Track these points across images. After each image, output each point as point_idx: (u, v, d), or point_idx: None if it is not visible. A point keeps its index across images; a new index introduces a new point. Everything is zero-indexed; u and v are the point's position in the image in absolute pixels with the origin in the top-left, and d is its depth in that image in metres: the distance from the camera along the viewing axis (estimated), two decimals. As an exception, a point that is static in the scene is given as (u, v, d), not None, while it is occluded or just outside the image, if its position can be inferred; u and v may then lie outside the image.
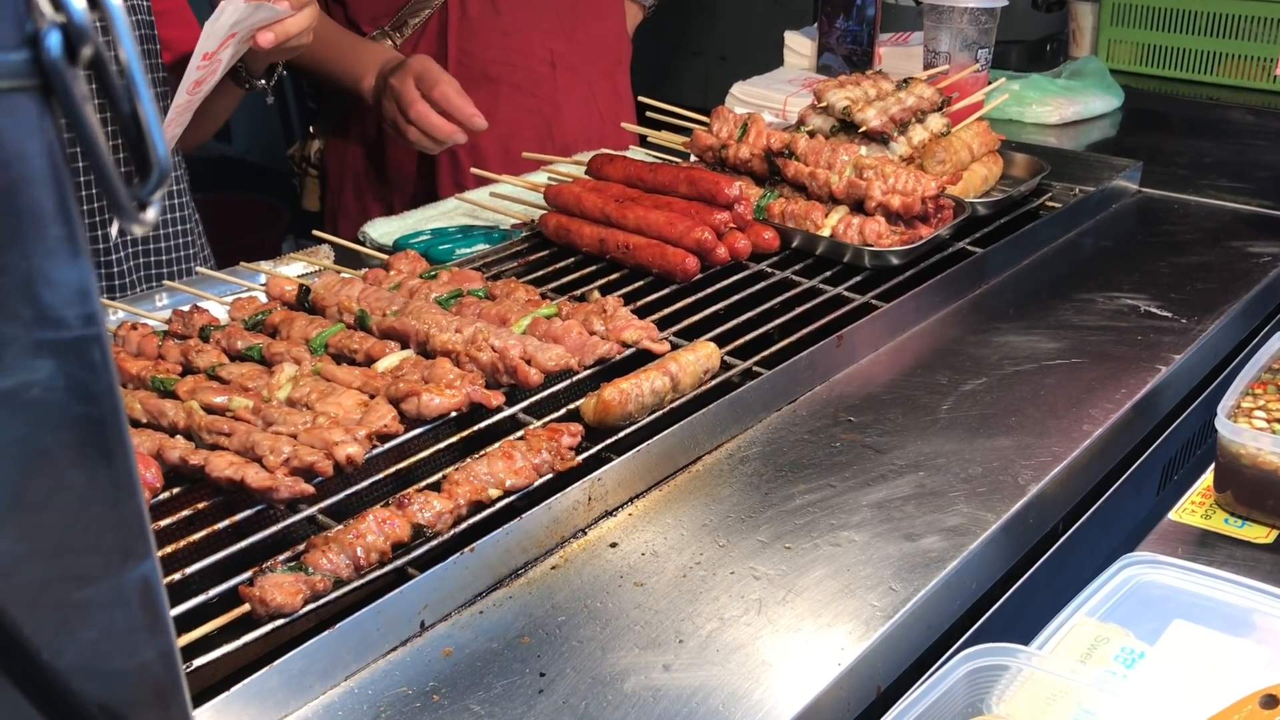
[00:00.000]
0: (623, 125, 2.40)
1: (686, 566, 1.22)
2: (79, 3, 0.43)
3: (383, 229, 2.06)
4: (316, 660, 1.04)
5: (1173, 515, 1.38)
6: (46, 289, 0.44)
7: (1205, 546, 1.32)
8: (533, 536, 1.22)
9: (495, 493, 1.23)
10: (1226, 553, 1.31)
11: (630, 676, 1.07)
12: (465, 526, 1.20)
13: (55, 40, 0.43)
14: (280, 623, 1.07)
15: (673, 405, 1.42)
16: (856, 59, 2.92)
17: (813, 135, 2.01)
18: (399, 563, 1.15)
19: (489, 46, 2.50)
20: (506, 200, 2.03)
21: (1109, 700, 1.01)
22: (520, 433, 1.32)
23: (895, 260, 1.78)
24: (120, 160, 1.59)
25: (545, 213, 1.89)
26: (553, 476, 1.28)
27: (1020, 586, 1.32)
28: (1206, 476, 1.42)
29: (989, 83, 2.47)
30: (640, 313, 1.60)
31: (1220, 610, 1.15)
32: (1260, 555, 1.31)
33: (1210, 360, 1.78)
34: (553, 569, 1.22)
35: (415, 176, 2.56)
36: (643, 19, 2.95)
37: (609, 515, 1.30)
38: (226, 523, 1.18)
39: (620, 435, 1.36)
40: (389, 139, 2.45)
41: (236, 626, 1.05)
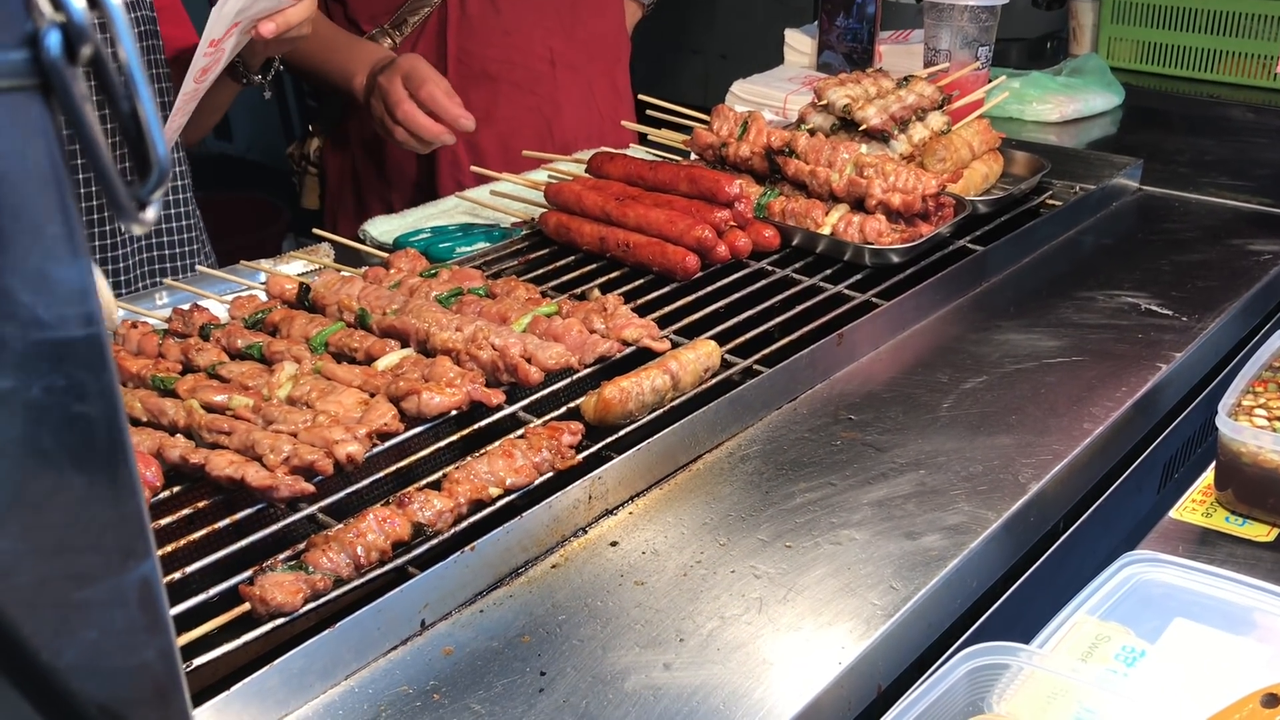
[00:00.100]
0: (623, 123, 2.39)
1: (687, 565, 1.22)
2: (78, 2, 0.43)
3: (383, 227, 2.06)
4: (317, 659, 1.04)
5: (1173, 513, 1.38)
6: (46, 288, 0.44)
7: (1206, 545, 1.32)
8: (533, 535, 1.22)
9: (496, 491, 1.23)
10: (1227, 551, 1.31)
11: (631, 675, 1.07)
12: (466, 525, 1.20)
13: (55, 39, 0.42)
14: (280, 622, 1.07)
15: (673, 403, 1.42)
16: (857, 57, 2.91)
17: (813, 133, 2.01)
18: (399, 561, 1.15)
19: (488, 45, 2.50)
20: (507, 198, 2.03)
21: (1110, 699, 1.01)
22: (520, 431, 1.32)
23: (896, 258, 1.78)
24: (120, 159, 1.59)
25: (545, 211, 1.89)
26: (553, 475, 1.28)
27: (1021, 585, 1.32)
28: (1207, 475, 1.42)
29: (989, 80, 2.47)
30: (640, 311, 1.60)
31: (1221, 609, 1.15)
32: (1261, 553, 1.31)
33: (1211, 358, 1.77)
34: (553, 568, 1.22)
35: (415, 175, 2.55)
36: (642, 16, 2.95)
37: (609, 514, 1.30)
38: (227, 521, 1.18)
39: (621, 434, 1.36)
40: None
41: (237, 625, 1.05)
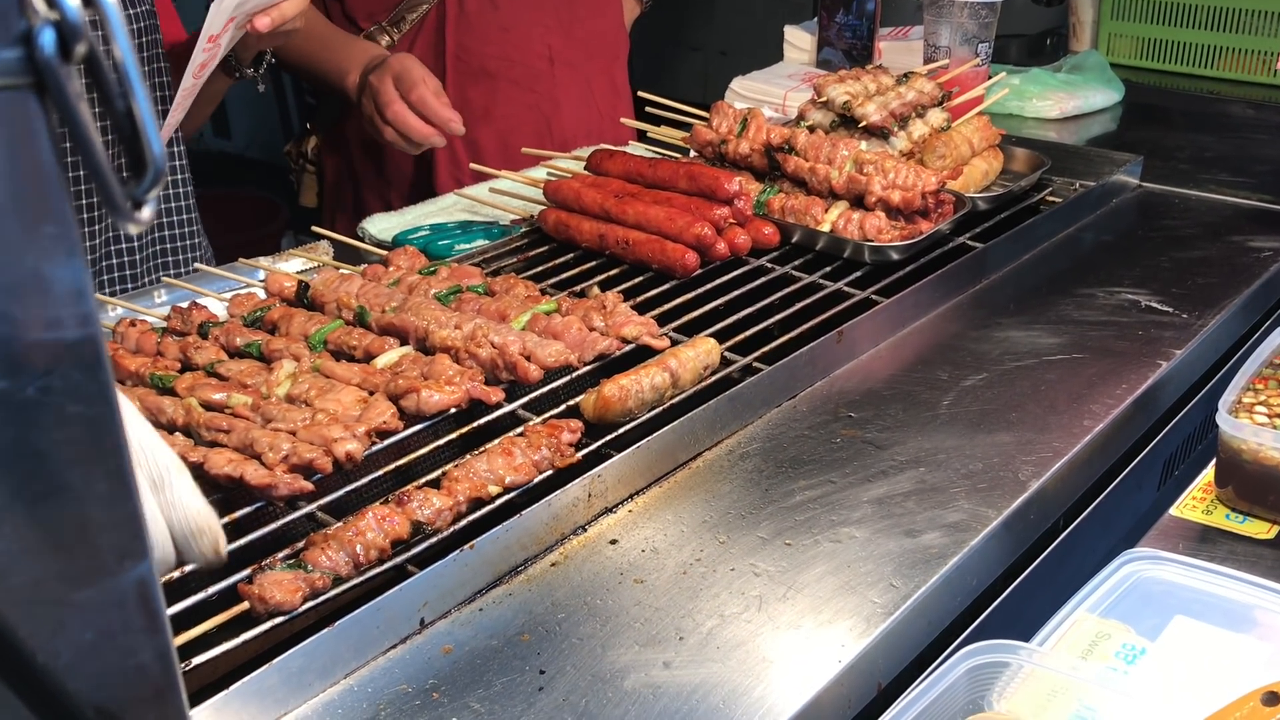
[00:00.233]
0: (622, 121, 2.39)
1: (686, 563, 1.22)
2: (73, 0, 0.43)
3: (382, 225, 2.06)
4: (316, 658, 1.04)
5: (1174, 511, 1.38)
6: (41, 288, 0.43)
7: (1206, 542, 1.32)
8: (532, 533, 1.22)
9: (495, 489, 1.23)
10: (1227, 548, 1.31)
11: (630, 674, 1.06)
12: (465, 523, 1.20)
13: (49, 38, 0.42)
14: (279, 620, 1.06)
15: (673, 401, 1.42)
16: (856, 53, 2.91)
17: (813, 130, 2.01)
18: (399, 560, 1.14)
19: (487, 42, 2.49)
20: (506, 196, 2.03)
21: (1110, 697, 1.01)
22: (520, 429, 1.32)
23: (895, 255, 1.78)
24: (116, 158, 1.58)
25: (544, 208, 1.88)
26: (552, 473, 1.28)
27: (1021, 583, 1.32)
28: (1207, 472, 1.42)
29: (989, 77, 2.47)
30: (640, 308, 1.60)
31: (1221, 606, 1.15)
32: (1261, 551, 1.30)
33: (1211, 355, 1.77)
34: (553, 566, 1.21)
35: (413, 172, 2.55)
36: (640, 13, 2.95)
37: (609, 512, 1.30)
38: (225, 520, 1.17)
39: (620, 431, 1.36)
40: None
41: (236, 624, 1.05)
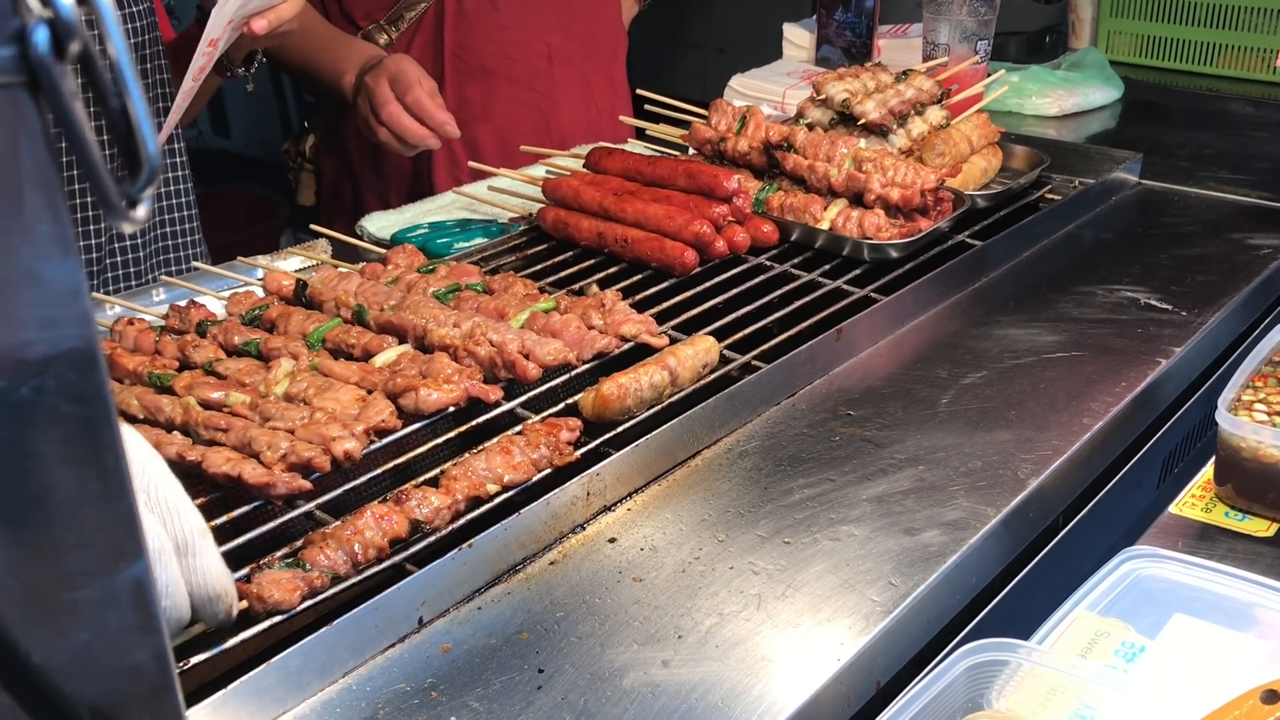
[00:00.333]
0: (620, 118, 2.39)
1: (685, 562, 1.21)
2: (67, -2, 0.42)
3: (380, 223, 2.06)
4: (314, 657, 1.04)
5: (1173, 509, 1.38)
6: (36, 288, 0.43)
7: (1206, 540, 1.32)
8: (531, 532, 1.22)
9: (493, 488, 1.22)
10: (1227, 546, 1.31)
11: (629, 672, 1.06)
12: (463, 522, 1.20)
13: (43, 36, 0.42)
14: (278, 619, 1.06)
15: (671, 400, 1.42)
16: (855, 51, 2.91)
17: (811, 128, 2.01)
18: (397, 559, 1.14)
19: (486, 41, 2.49)
20: (504, 194, 2.02)
21: (1109, 695, 1.01)
22: (519, 428, 1.32)
23: (894, 253, 1.78)
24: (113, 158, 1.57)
25: (543, 206, 1.88)
26: (551, 472, 1.28)
27: (1020, 581, 1.32)
28: (1207, 470, 1.42)
29: (988, 75, 2.47)
30: (639, 306, 1.59)
31: (1221, 604, 1.15)
32: (1261, 549, 1.30)
33: (1210, 353, 1.77)
34: (551, 565, 1.21)
35: (411, 171, 2.55)
36: (639, 11, 2.95)
37: (608, 510, 1.30)
38: (224, 519, 1.17)
39: (619, 430, 1.36)
40: None
41: (234, 624, 1.05)
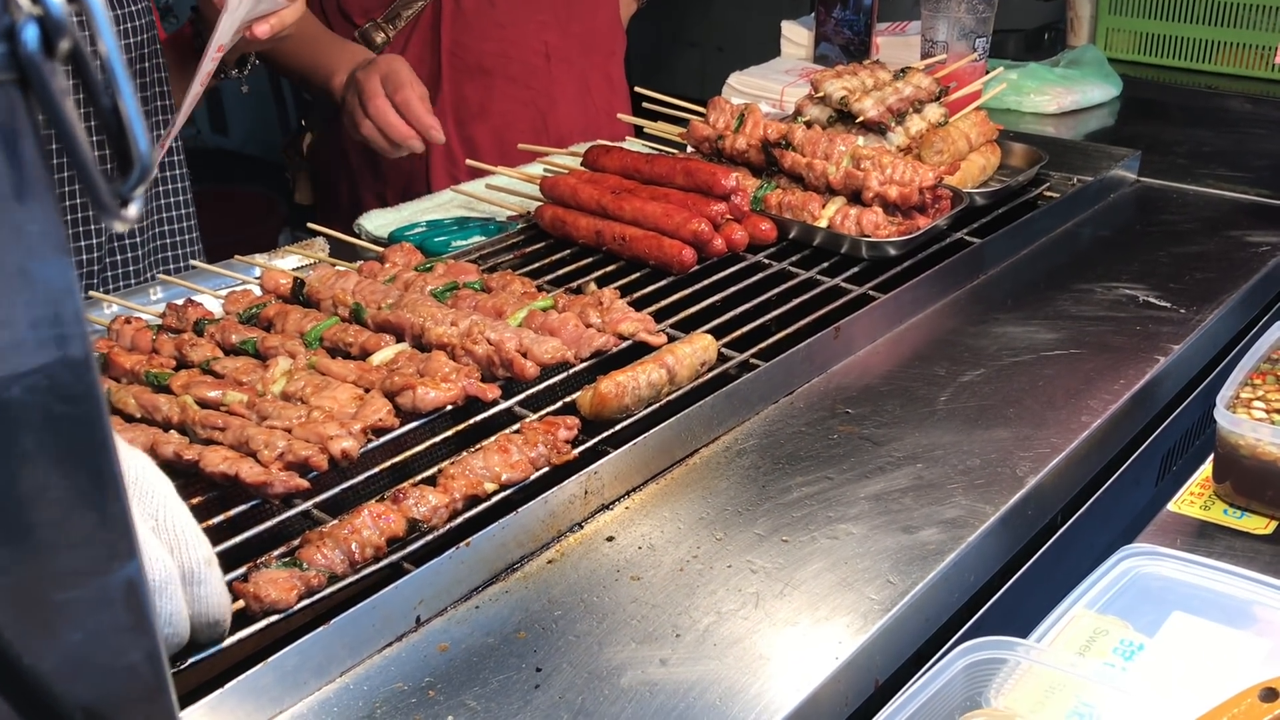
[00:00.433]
0: (618, 116, 2.38)
1: (683, 560, 1.21)
2: (57, -4, 0.42)
3: (378, 221, 2.06)
4: (311, 656, 1.03)
5: (1171, 506, 1.38)
6: (26, 287, 0.43)
7: (1204, 538, 1.32)
8: (529, 531, 1.21)
9: (491, 487, 1.22)
10: (1225, 544, 1.30)
11: (627, 671, 1.06)
12: (461, 521, 1.20)
13: (32, 33, 0.42)
14: (275, 618, 1.06)
15: (670, 398, 1.42)
16: (854, 49, 2.90)
17: (810, 126, 2.01)
18: (394, 558, 1.14)
19: (483, 39, 2.49)
20: (502, 192, 2.02)
21: (1108, 693, 1.01)
22: (516, 426, 1.31)
23: (893, 251, 1.77)
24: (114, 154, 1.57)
25: (541, 204, 1.88)
26: (549, 470, 1.27)
27: (1019, 579, 1.32)
28: (1205, 467, 1.41)
29: (987, 72, 2.46)
30: (637, 305, 1.59)
31: (1219, 602, 1.15)
32: (1259, 546, 1.30)
33: (1209, 350, 1.77)
34: (549, 563, 1.21)
35: (408, 170, 2.54)
36: (637, 9, 2.94)
37: (605, 509, 1.30)
38: (221, 518, 1.17)
39: (617, 428, 1.35)
40: None
41: (231, 623, 1.05)
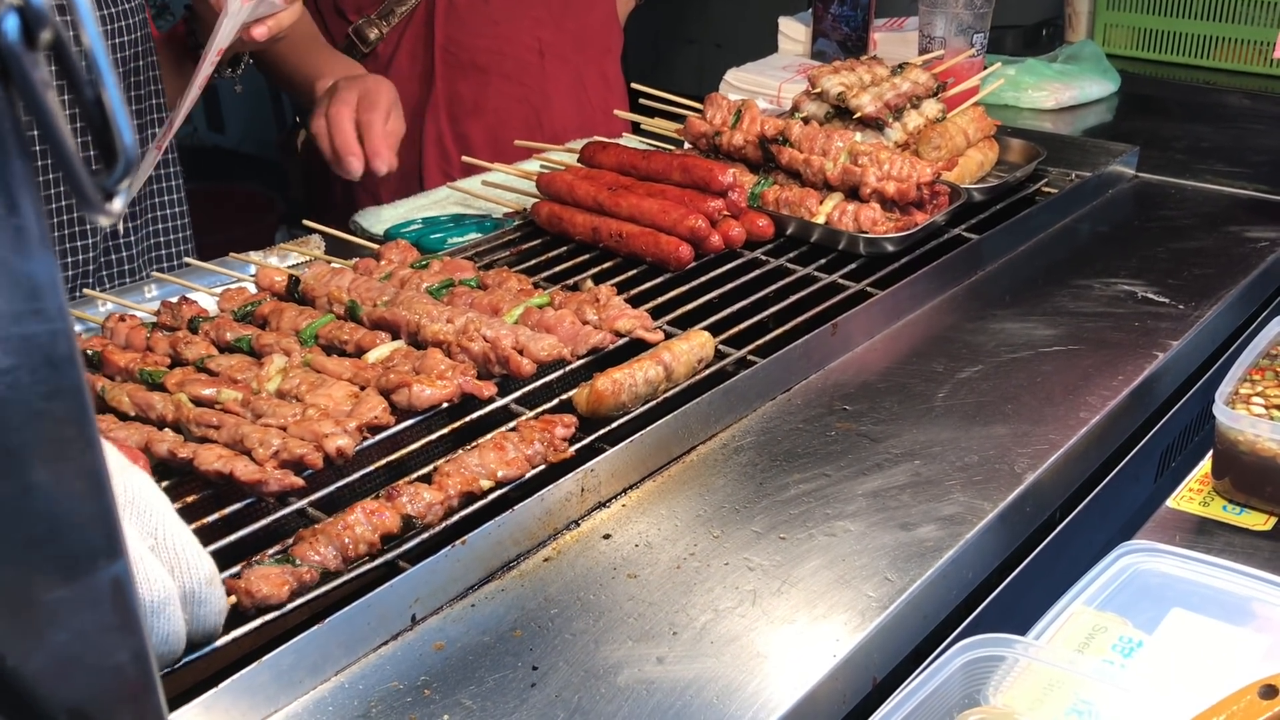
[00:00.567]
0: (615, 113, 2.38)
1: (680, 558, 1.21)
2: (37, -15, 0.41)
3: (374, 218, 2.05)
4: (306, 655, 1.03)
5: (1170, 503, 1.37)
6: (7, 282, 0.42)
7: (1203, 534, 1.31)
8: (525, 528, 1.21)
9: (487, 484, 1.22)
10: (1225, 540, 1.30)
11: (624, 669, 1.06)
12: (457, 519, 1.19)
13: (12, 24, 0.41)
14: (270, 617, 1.06)
15: (666, 395, 1.41)
16: (851, 44, 2.90)
17: (807, 121, 2.00)
18: (390, 556, 1.14)
19: (477, 35, 2.48)
20: (499, 189, 2.02)
21: (1107, 690, 1.01)
22: (512, 424, 1.31)
23: (890, 247, 1.77)
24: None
25: (538, 201, 1.87)
26: (545, 468, 1.27)
27: (1017, 576, 1.31)
28: (1204, 463, 1.41)
29: (984, 68, 2.46)
30: (634, 301, 1.58)
31: (1218, 598, 1.15)
32: (1259, 542, 1.30)
33: (1208, 346, 1.77)
34: (545, 561, 1.21)
35: (402, 167, 2.53)
36: (635, 6, 2.93)
37: (602, 506, 1.29)
38: (216, 516, 1.16)
39: (613, 425, 1.35)
40: None
41: (226, 621, 1.04)
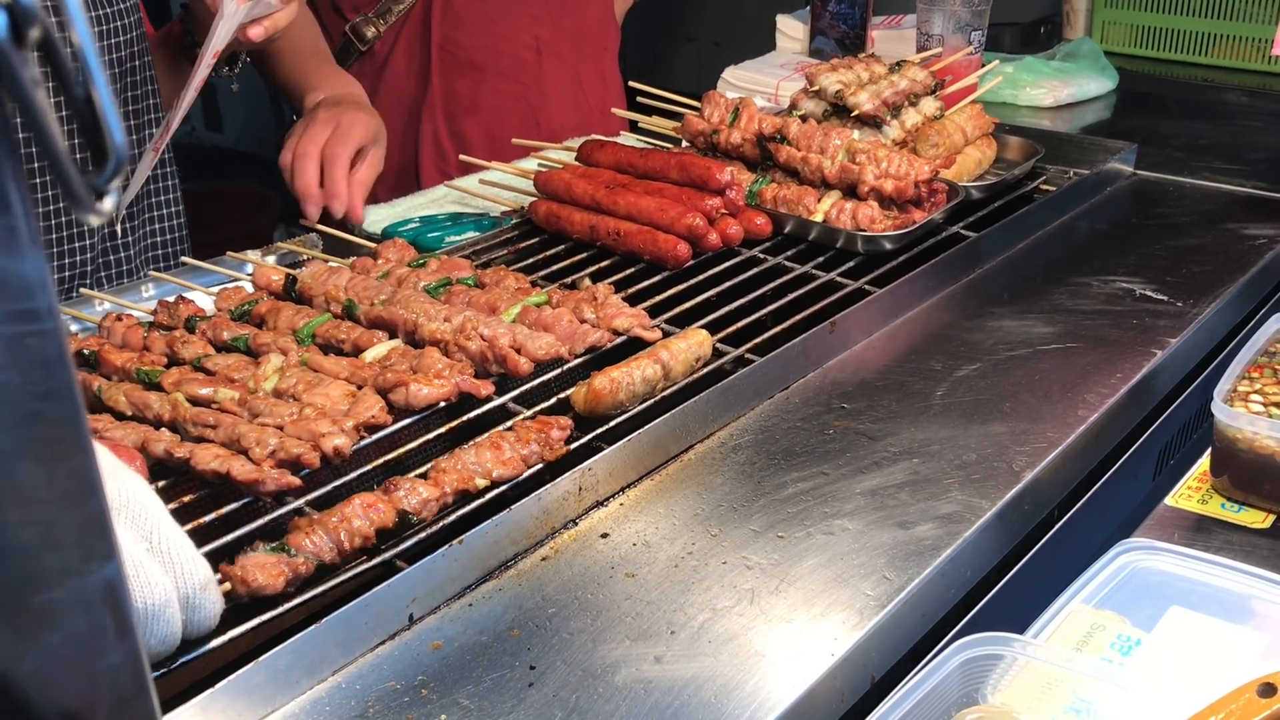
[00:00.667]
0: (612, 111, 2.37)
1: (678, 557, 1.21)
2: (26, -17, 0.41)
3: (371, 217, 2.05)
4: (303, 655, 1.03)
5: (1169, 500, 1.37)
6: (-2, 282, 0.42)
7: (1202, 532, 1.31)
8: (522, 528, 1.21)
9: (482, 483, 1.21)
10: (1223, 538, 1.30)
11: (621, 669, 1.05)
12: (454, 518, 1.19)
13: (0, 21, 0.41)
14: (267, 617, 1.05)
15: (664, 393, 1.41)
16: (849, 42, 2.90)
17: (805, 119, 2.00)
18: (387, 555, 1.13)
19: (473, 34, 2.47)
20: (496, 187, 2.01)
21: (1105, 689, 1.01)
22: (509, 424, 1.31)
23: (888, 245, 1.77)
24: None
25: (535, 199, 1.87)
26: (543, 466, 1.27)
27: (1015, 574, 1.31)
28: (1203, 461, 1.41)
29: (982, 65, 2.45)
30: (631, 300, 1.58)
31: (1217, 596, 1.15)
32: (1257, 540, 1.30)
33: (1206, 344, 1.76)
34: (543, 560, 1.20)
35: (398, 166, 2.53)
36: (632, 4, 2.93)
37: (600, 505, 1.29)
38: (213, 516, 1.16)
39: (611, 424, 1.35)
40: None
41: (223, 621, 1.04)
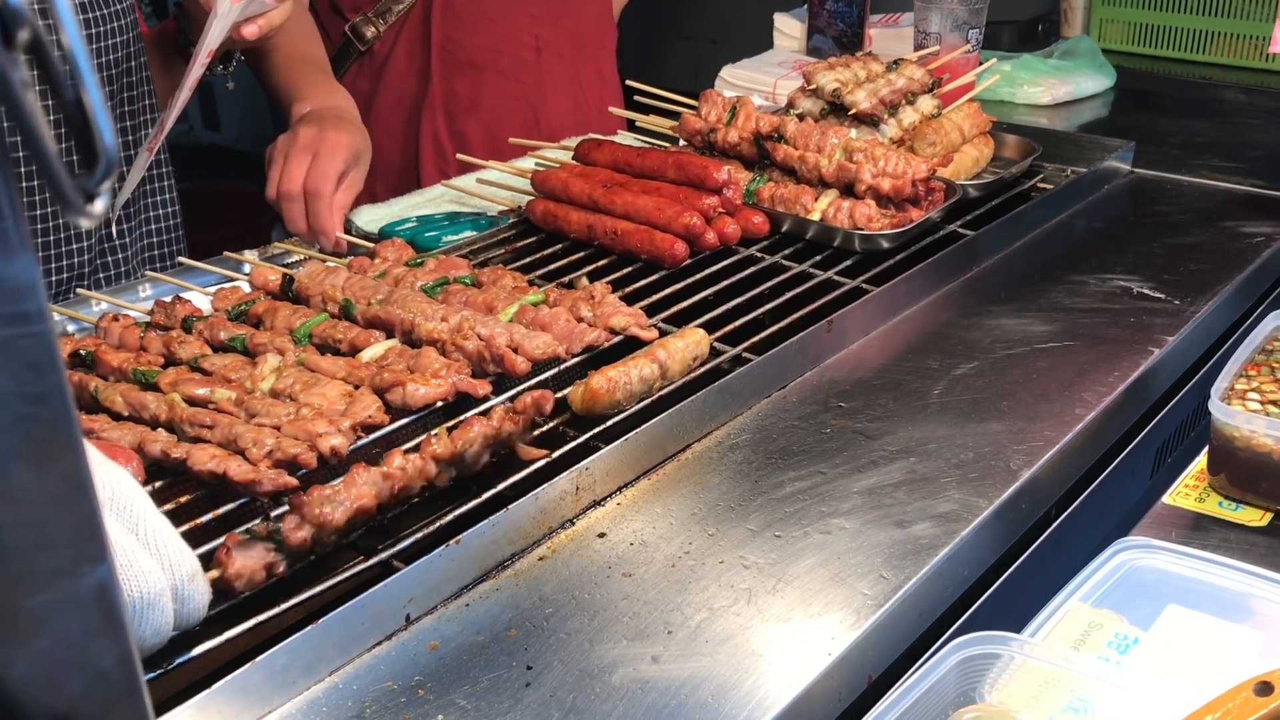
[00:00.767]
0: (610, 110, 2.37)
1: (675, 556, 1.20)
2: (15, -16, 0.41)
3: (369, 216, 2.04)
4: (300, 655, 1.03)
5: (1166, 499, 1.37)
6: (-13, 284, 0.42)
7: (1199, 530, 1.31)
8: (519, 527, 1.21)
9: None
10: (1221, 536, 1.30)
11: (618, 668, 1.05)
12: (451, 518, 1.19)
13: (-11, 23, 0.41)
14: (264, 617, 1.05)
15: (661, 393, 1.41)
16: (846, 41, 2.90)
17: (802, 118, 2.00)
18: (384, 555, 1.13)
19: (474, 33, 2.47)
20: (494, 186, 2.01)
21: (1102, 687, 1.00)
22: (485, 407, 1.29)
23: (886, 244, 1.77)
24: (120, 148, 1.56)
25: (532, 199, 1.87)
26: (542, 466, 1.26)
27: (1013, 573, 1.31)
28: (1200, 459, 1.41)
29: (980, 63, 2.45)
30: (628, 299, 1.58)
31: (1215, 595, 1.14)
32: (1255, 538, 1.30)
33: (1204, 342, 1.76)
34: (540, 560, 1.20)
35: (398, 165, 2.53)
36: (627, 2, 2.92)
37: (597, 505, 1.29)
38: (210, 516, 1.16)
39: (608, 424, 1.35)
40: (371, 126, 2.39)
41: (219, 621, 1.04)
